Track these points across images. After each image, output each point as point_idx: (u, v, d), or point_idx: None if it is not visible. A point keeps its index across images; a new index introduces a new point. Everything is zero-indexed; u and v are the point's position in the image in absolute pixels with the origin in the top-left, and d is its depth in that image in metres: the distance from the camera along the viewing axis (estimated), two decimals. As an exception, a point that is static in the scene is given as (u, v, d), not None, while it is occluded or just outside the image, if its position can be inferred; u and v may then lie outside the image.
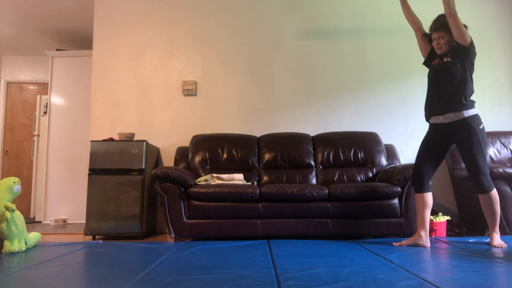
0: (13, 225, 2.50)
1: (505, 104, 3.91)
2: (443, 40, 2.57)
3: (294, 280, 1.69)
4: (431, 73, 2.71)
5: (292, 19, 4.04)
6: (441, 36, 2.57)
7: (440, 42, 2.58)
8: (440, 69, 2.60)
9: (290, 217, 2.96)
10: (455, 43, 2.55)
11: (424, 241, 2.56)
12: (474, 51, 2.57)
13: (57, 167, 4.49)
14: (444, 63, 2.58)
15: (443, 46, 2.58)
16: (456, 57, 2.55)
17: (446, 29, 2.54)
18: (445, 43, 2.57)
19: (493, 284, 1.62)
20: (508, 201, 3.00)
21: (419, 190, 2.62)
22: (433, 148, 2.65)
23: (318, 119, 3.92)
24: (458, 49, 2.54)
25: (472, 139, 2.46)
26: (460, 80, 2.54)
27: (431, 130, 2.70)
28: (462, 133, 2.50)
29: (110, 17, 4.07)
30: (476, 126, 2.48)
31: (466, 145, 2.48)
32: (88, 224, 3.27)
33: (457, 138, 2.53)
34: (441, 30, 2.56)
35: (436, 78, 2.63)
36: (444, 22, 2.54)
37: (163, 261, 2.16)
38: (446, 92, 2.57)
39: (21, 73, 5.74)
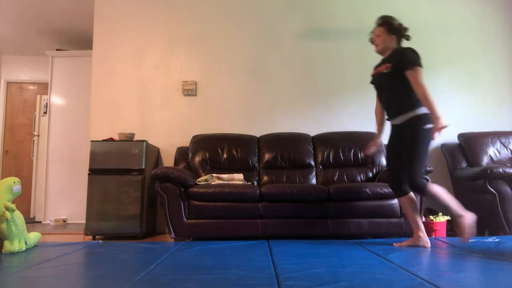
0: (13, 225, 2.50)
1: (505, 104, 3.92)
2: (378, 39, 2.63)
3: (294, 280, 1.69)
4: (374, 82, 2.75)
5: (292, 19, 4.04)
6: (376, 34, 2.64)
7: (376, 40, 2.64)
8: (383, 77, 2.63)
9: (290, 217, 2.96)
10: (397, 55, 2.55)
11: (424, 242, 2.56)
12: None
13: (57, 167, 4.49)
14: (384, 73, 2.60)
15: (378, 46, 2.64)
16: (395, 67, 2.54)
17: (384, 28, 2.61)
18: (380, 41, 2.63)
19: (493, 284, 1.62)
20: (508, 201, 3.00)
21: (400, 194, 2.61)
22: (396, 151, 2.61)
23: (318, 119, 3.92)
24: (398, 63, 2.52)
25: (410, 138, 2.45)
26: (406, 85, 2.51)
27: (391, 132, 2.69)
28: (405, 136, 2.49)
29: (110, 17, 4.07)
30: (422, 125, 2.45)
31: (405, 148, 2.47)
32: (88, 224, 3.27)
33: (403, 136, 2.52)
34: (378, 27, 2.64)
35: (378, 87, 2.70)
36: (382, 20, 2.63)
37: (163, 261, 2.16)
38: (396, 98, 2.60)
39: (21, 73, 5.74)
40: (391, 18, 2.62)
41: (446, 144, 3.75)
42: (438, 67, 3.96)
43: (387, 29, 2.60)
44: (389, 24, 2.59)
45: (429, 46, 3.99)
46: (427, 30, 4.01)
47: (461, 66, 3.96)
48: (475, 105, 3.91)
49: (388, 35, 2.60)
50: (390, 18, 2.62)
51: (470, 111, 3.91)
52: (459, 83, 3.94)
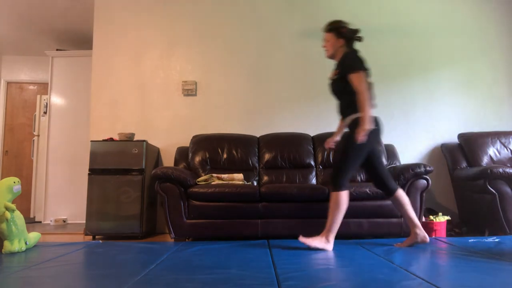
0: (13, 225, 2.50)
1: (505, 104, 3.92)
2: (328, 44, 2.65)
3: (294, 280, 1.69)
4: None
5: (292, 19, 4.04)
6: (326, 40, 2.67)
7: (326, 46, 2.67)
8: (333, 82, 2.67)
9: (290, 217, 2.96)
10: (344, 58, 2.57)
11: (422, 237, 2.56)
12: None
13: (57, 167, 4.49)
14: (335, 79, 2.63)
15: (328, 51, 2.67)
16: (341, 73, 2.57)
17: (332, 33, 2.63)
18: (329, 47, 2.65)
19: (493, 284, 1.62)
20: (508, 201, 3.00)
21: (389, 194, 2.61)
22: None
23: (318, 119, 3.92)
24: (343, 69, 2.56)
25: (349, 139, 2.49)
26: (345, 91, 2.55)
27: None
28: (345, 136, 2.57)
29: (110, 17, 4.07)
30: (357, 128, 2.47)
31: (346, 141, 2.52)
32: (88, 224, 3.27)
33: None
34: (326, 33, 2.66)
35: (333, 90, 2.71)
36: (329, 26, 2.65)
37: (163, 261, 2.16)
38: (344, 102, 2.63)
39: (21, 73, 5.74)
40: (339, 23, 2.64)
41: (446, 144, 3.75)
42: (438, 67, 3.96)
43: (336, 34, 2.62)
44: (336, 29, 2.62)
45: (429, 46, 3.99)
46: (427, 30, 4.01)
47: (461, 66, 3.96)
48: (475, 105, 3.92)
49: (337, 40, 2.62)
50: (338, 23, 2.64)
51: (470, 111, 3.91)
52: (459, 83, 3.94)
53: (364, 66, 2.50)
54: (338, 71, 2.59)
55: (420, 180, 2.99)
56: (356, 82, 2.45)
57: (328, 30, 2.66)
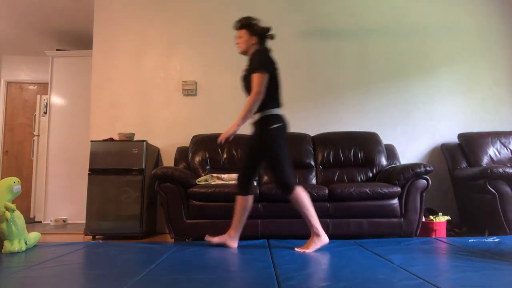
0: (13, 225, 2.50)
1: (505, 104, 3.92)
2: (240, 41, 2.65)
3: (294, 280, 1.69)
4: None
5: (292, 19, 4.04)
6: (238, 36, 2.66)
7: (238, 42, 2.66)
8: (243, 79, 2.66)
9: (290, 217, 2.96)
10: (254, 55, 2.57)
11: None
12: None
13: (57, 167, 4.49)
14: (244, 76, 2.62)
15: (241, 48, 2.65)
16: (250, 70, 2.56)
17: (245, 29, 2.63)
18: (242, 43, 2.64)
19: (493, 284, 1.62)
20: (508, 201, 3.00)
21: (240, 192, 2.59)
22: (248, 149, 2.63)
23: (318, 119, 3.92)
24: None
25: (261, 138, 2.49)
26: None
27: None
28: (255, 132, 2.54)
29: (110, 17, 4.07)
30: (267, 125, 2.48)
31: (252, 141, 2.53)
32: (88, 224, 3.27)
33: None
34: (239, 29, 2.66)
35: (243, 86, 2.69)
36: (242, 22, 2.65)
37: (163, 261, 2.16)
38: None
39: (21, 73, 5.74)
40: (251, 19, 2.64)
41: (446, 144, 3.75)
42: (438, 67, 3.96)
43: (249, 31, 2.63)
44: (250, 25, 2.63)
45: (429, 46, 3.99)
46: (427, 30, 4.01)
47: (461, 66, 3.96)
48: (475, 105, 3.92)
49: (250, 37, 2.62)
50: (251, 19, 2.65)
51: (470, 111, 3.91)
52: (459, 83, 3.94)
53: (268, 67, 2.51)
54: (248, 68, 2.58)
55: (420, 180, 2.99)
56: (255, 82, 2.45)
57: (241, 27, 2.65)
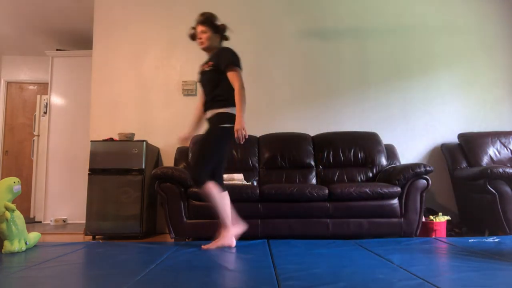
0: (13, 225, 2.50)
1: (505, 104, 3.92)
2: (204, 36, 2.62)
3: (294, 280, 1.69)
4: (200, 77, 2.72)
5: (292, 19, 4.04)
6: (203, 31, 2.62)
7: (202, 37, 2.62)
8: (202, 76, 2.67)
9: (290, 217, 2.96)
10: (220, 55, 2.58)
11: (229, 241, 2.56)
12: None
13: (57, 167, 4.49)
14: (207, 71, 2.62)
15: (203, 43, 2.63)
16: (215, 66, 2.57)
17: (209, 25, 2.62)
18: (206, 39, 2.62)
19: (493, 284, 1.62)
20: (508, 201, 3.00)
21: (197, 185, 2.57)
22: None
23: (318, 119, 3.92)
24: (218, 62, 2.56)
25: (207, 133, 2.53)
26: (216, 84, 2.56)
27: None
28: (209, 127, 2.58)
29: (110, 17, 4.07)
30: (220, 123, 2.50)
31: (203, 136, 2.56)
32: (88, 224, 3.27)
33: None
34: (204, 25, 2.62)
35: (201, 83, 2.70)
36: (208, 18, 2.62)
37: (163, 261, 2.16)
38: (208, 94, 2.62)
39: (21, 73, 5.74)
40: (215, 17, 2.64)
41: (446, 144, 3.75)
42: (438, 67, 3.96)
43: (213, 28, 2.63)
44: (213, 22, 2.63)
45: (429, 46, 3.99)
46: (427, 30, 4.01)
47: (461, 66, 3.96)
48: (475, 105, 3.92)
49: (214, 34, 2.63)
50: (215, 17, 2.64)
51: (470, 111, 3.91)
52: (459, 83, 3.94)
53: (240, 65, 2.54)
54: (212, 63, 2.57)
55: (420, 180, 2.99)
56: (235, 79, 2.48)
57: (205, 22, 2.63)
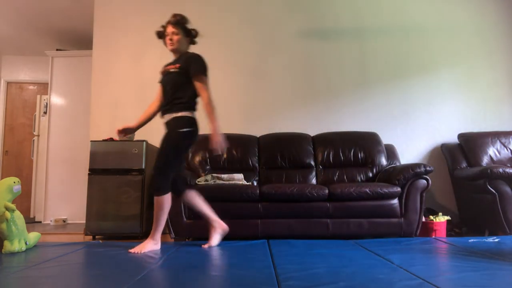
0: (13, 225, 2.50)
1: (505, 104, 3.92)
2: (176, 38, 2.61)
3: (294, 280, 1.69)
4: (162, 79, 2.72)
5: (292, 19, 4.04)
6: (179, 33, 2.62)
7: (173, 39, 2.61)
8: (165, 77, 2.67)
9: (290, 217, 2.96)
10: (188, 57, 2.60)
11: (223, 228, 2.65)
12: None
13: (57, 167, 4.49)
14: (170, 73, 2.63)
15: (174, 45, 2.61)
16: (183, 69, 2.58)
17: (181, 28, 2.62)
18: (177, 41, 2.61)
19: (493, 284, 1.62)
20: (508, 201, 3.00)
21: (177, 194, 2.61)
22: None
23: (318, 119, 3.92)
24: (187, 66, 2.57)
25: (167, 138, 2.54)
26: (180, 87, 2.58)
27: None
28: (167, 131, 2.59)
29: (110, 17, 4.07)
30: (178, 127, 2.52)
31: (162, 141, 2.55)
32: (88, 224, 3.27)
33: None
34: (176, 26, 2.62)
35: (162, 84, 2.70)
36: (181, 20, 2.63)
37: (163, 261, 2.16)
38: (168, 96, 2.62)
39: (21, 73, 5.74)
40: (188, 21, 2.66)
41: (446, 144, 3.75)
42: (438, 67, 3.96)
43: (185, 32, 2.64)
44: (186, 26, 2.65)
45: (429, 46, 3.99)
46: (427, 30, 4.01)
47: (461, 66, 3.96)
48: (475, 105, 3.92)
49: (184, 37, 2.64)
50: (187, 21, 2.65)
51: (470, 111, 3.91)
52: (459, 83, 3.94)
53: (208, 74, 2.59)
54: (179, 66, 2.57)
55: (420, 180, 2.99)
56: (203, 90, 2.52)
57: (178, 24, 2.63)
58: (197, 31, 2.68)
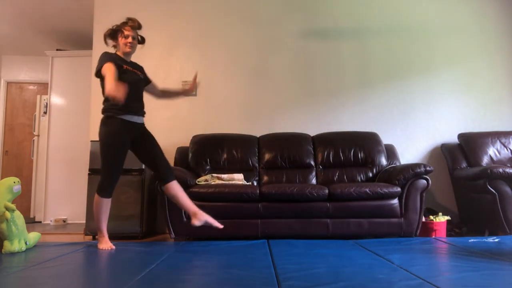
0: (13, 225, 2.50)
1: (505, 104, 3.91)
2: (135, 42, 2.71)
3: (294, 280, 1.69)
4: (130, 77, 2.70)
5: (292, 19, 4.04)
6: (136, 37, 2.71)
7: (133, 43, 2.69)
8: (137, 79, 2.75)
9: (290, 217, 2.96)
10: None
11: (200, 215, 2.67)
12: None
13: (57, 167, 4.49)
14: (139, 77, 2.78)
15: (133, 48, 2.71)
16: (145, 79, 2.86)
17: (138, 35, 2.75)
18: (135, 45, 2.73)
19: (493, 284, 1.62)
20: (508, 201, 3.00)
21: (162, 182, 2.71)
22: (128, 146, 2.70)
23: (318, 119, 3.92)
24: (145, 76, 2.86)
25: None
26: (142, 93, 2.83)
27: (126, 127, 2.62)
28: (148, 133, 2.77)
29: (110, 17, 4.05)
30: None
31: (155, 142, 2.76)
32: (88, 224, 3.27)
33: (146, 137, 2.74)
34: (137, 31, 2.72)
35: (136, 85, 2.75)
36: (140, 27, 2.72)
37: (163, 261, 2.16)
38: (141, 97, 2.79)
39: (21, 73, 5.74)
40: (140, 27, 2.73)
41: (446, 144, 3.75)
42: (438, 67, 3.96)
43: (140, 39, 2.78)
44: (139, 33, 2.75)
45: (429, 46, 3.99)
46: (427, 30, 4.01)
47: (461, 66, 3.96)
48: (475, 105, 3.91)
49: (137, 44, 2.76)
50: (140, 27, 2.73)
51: (470, 111, 3.91)
52: (459, 83, 3.94)
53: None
54: (142, 74, 2.80)
55: (420, 180, 2.99)
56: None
57: (138, 30, 2.72)
58: (144, 38, 2.80)
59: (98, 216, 2.64)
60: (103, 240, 2.66)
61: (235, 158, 3.53)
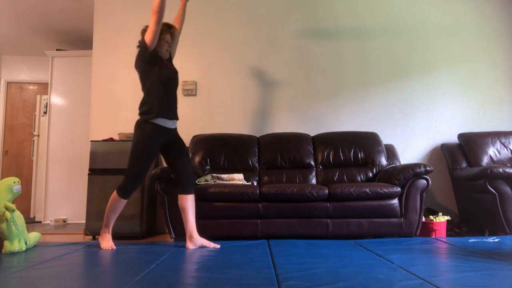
0: (13, 225, 2.50)
1: (505, 104, 3.91)
2: (170, 49, 2.78)
3: (294, 280, 1.69)
4: (169, 74, 2.73)
5: (292, 19, 4.04)
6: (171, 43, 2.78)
7: (168, 49, 2.76)
8: (175, 75, 2.76)
9: (290, 217, 2.96)
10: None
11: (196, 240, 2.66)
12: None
13: (57, 167, 4.49)
14: (176, 71, 2.76)
15: (168, 53, 2.77)
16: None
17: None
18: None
19: (493, 284, 1.62)
20: (508, 201, 3.00)
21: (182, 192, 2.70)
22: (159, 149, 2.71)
23: (318, 119, 3.92)
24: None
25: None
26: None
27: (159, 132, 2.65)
28: (180, 139, 2.81)
29: (110, 17, 4.07)
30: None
31: (185, 150, 2.77)
32: (88, 224, 3.27)
33: (179, 144, 2.76)
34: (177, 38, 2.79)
35: (175, 84, 2.78)
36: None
37: (163, 261, 2.16)
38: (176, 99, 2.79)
39: (21, 73, 5.74)
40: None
41: (446, 144, 3.75)
42: (438, 67, 3.96)
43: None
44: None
45: (429, 46, 3.99)
46: (427, 30, 4.01)
47: (461, 66, 3.96)
48: (475, 105, 3.91)
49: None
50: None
51: (470, 111, 3.91)
52: (459, 83, 3.94)
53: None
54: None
55: (420, 180, 2.99)
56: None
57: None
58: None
59: (110, 214, 2.64)
60: (106, 237, 2.65)
61: (235, 158, 3.53)
